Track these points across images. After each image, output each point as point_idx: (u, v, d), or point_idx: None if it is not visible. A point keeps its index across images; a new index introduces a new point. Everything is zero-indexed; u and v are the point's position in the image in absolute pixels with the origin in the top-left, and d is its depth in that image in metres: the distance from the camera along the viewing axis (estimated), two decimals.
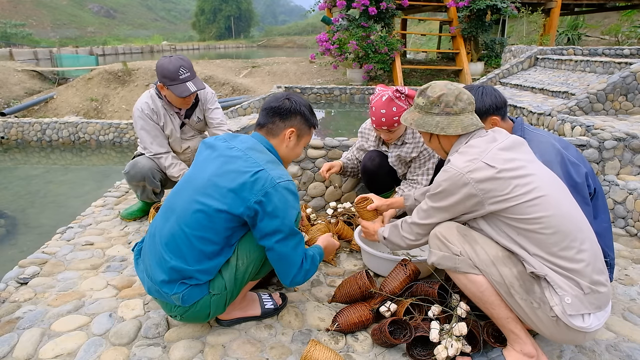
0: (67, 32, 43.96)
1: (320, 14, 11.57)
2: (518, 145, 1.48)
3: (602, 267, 1.37)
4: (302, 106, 1.70)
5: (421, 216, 1.57)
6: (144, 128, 2.61)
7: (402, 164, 2.50)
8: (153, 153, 2.65)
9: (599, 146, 2.95)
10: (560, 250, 1.33)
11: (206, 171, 1.54)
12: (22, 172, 5.55)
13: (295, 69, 11.15)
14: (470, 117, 1.53)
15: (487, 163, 1.38)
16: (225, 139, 1.62)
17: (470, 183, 1.38)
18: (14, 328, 1.71)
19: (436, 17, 13.73)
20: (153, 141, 2.63)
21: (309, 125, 1.74)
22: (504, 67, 6.76)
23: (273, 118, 1.66)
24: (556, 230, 1.33)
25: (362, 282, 1.81)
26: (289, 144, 1.70)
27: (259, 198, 1.44)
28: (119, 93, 9.64)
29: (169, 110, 2.66)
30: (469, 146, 1.47)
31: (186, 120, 2.75)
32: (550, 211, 1.33)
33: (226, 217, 1.47)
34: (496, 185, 1.36)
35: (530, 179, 1.37)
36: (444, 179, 1.44)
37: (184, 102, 2.59)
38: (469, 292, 1.46)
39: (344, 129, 5.41)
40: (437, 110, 1.53)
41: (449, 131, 1.51)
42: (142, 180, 2.64)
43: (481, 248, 1.42)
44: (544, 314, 1.34)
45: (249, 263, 1.55)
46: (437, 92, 1.54)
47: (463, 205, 1.43)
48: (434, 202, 1.51)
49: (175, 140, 2.74)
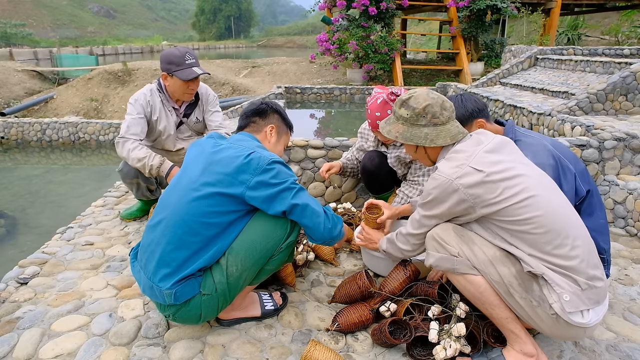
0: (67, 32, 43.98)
1: (320, 14, 11.57)
2: (504, 146, 1.48)
3: (597, 261, 1.38)
4: (278, 107, 1.88)
5: (415, 226, 1.57)
6: (130, 114, 2.51)
7: (401, 164, 2.50)
8: (121, 135, 2.47)
9: (599, 146, 2.95)
10: (553, 248, 1.33)
11: (198, 166, 1.57)
12: (22, 172, 5.55)
13: (295, 69, 11.16)
14: (455, 125, 1.54)
15: (475, 167, 1.38)
16: (212, 137, 1.69)
17: (459, 189, 1.38)
18: (14, 328, 1.71)
19: (436, 17, 13.74)
20: (130, 127, 2.48)
21: (287, 125, 1.90)
22: (504, 67, 6.76)
23: (253, 117, 1.82)
24: (548, 229, 1.33)
25: (362, 282, 1.81)
26: (271, 140, 1.82)
27: (257, 177, 1.49)
28: (119, 93, 9.64)
29: (167, 105, 2.61)
30: (455, 151, 1.47)
31: (184, 119, 2.72)
32: (540, 210, 1.33)
33: (224, 200, 1.49)
34: (485, 189, 1.36)
35: (519, 180, 1.37)
36: (433, 187, 1.44)
37: (188, 90, 2.53)
38: (467, 293, 1.46)
39: (344, 129, 5.41)
40: (424, 121, 1.52)
41: (439, 142, 1.51)
42: (135, 177, 2.62)
43: (479, 248, 1.42)
44: (543, 312, 1.34)
45: (243, 270, 1.54)
46: (421, 103, 1.51)
47: (454, 210, 1.43)
48: (426, 211, 1.51)
49: (169, 138, 2.68)
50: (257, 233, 1.54)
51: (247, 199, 1.51)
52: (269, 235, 1.55)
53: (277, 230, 1.56)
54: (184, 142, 2.78)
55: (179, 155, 2.78)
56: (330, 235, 1.64)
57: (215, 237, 1.51)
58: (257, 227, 1.55)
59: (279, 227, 1.57)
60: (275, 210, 1.53)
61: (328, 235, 1.63)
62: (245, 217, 1.56)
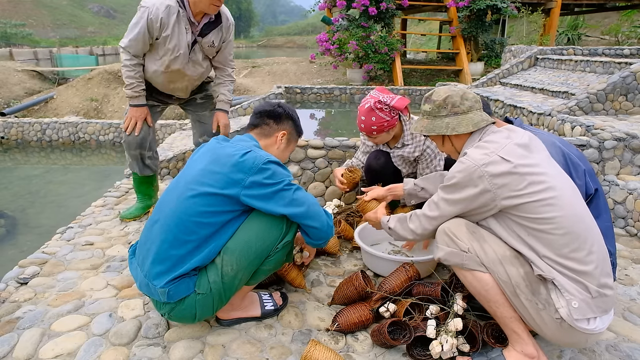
0: (67, 32, 43.93)
1: (320, 14, 11.57)
2: (534, 143, 1.47)
3: (609, 270, 1.37)
4: (294, 113, 1.83)
5: (431, 208, 1.56)
6: (137, 23, 2.36)
7: (406, 164, 2.51)
8: (123, 43, 2.40)
9: (599, 146, 2.95)
10: (570, 251, 1.32)
11: (198, 165, 1.59)
12: (22, 172, 5.56)
13: (295, 69, 11.16)
14: (479, 114, 1.53)
15: (503, 157, 1.37)
16: (218, 139, 1.71)
17: (484, 176, 1.37)
18: (14, 328, 1.71)
19: (436, 17, 13.73)
20: (131, 42, 2.38)
21: (298, 132, 1.87)
22: (504, 67, 6.75)
23: (267, 120, 1.76)
24: (567, 231, 1.32)
25: (358, 282, 1.80)
26: (280, 146, 1.79)
27: (252, 176, 1.49)
28: (119, 93, 9.63)
29: (184, 21, 2.40)
30: (486, 141, 1.46)
31: (199, 38, 2.48)
32: (562, 212, 1.32)
33: (220, 200, 1.49)
34: (511, 180, 1.35)
35: (544, 178, 1.36)
36: (459, 170, 1.43)
37: (215, 1, 2.33)
38: (473, 289, 1.46)
39: (344, 129, 5.41)
40: (445, 112, 1.54)
41: (460, 130, 1.51)
42: (138, 147, 2.59)
43: (489, 246, 1.42)
44: (548, 316, 1.34)
45: (238, 269, 1.53)
46: (442, 95, 1.55)
47: (475, 201, 1.42)
48: (446, 194, 1.49)
49: (177, 58, 2.47)
50: (252, 233, 1.54)
51: (243, 199, 1.50)
52: (264, 235, 1.55)
53: (272, 230, 1.56)
54: (194, 67, 2.58)
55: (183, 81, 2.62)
56: (330, 235, 1.66)
57: (210, 237, 1.51)
58: (252, 227, 1.55)
59: (274, 227, 1.57)
60: (273, 211, 1.53)
61: (326, 235, 1.64)
62: (241, 217, 1.56)
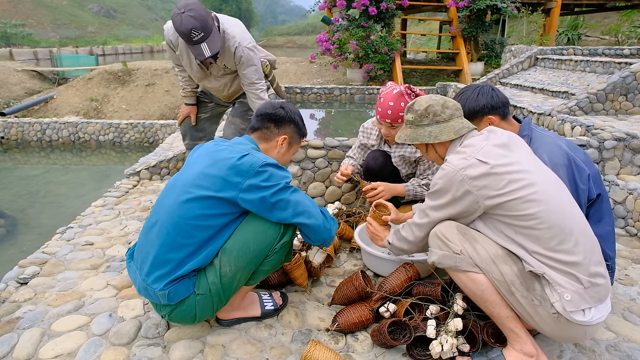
0: (67, 32, 43.90)
1: (320, 14, 11.57)
2: (512, 142, 1.50)
3: (599, 259, 1.39)
4: (296, 115, 1.79)
5: (420, 215, 1.59)
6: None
7: (406, 164, 2.50)
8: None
9: (599, 146, 2.95)
10: (557, 244, 1.34)
11: (196, 168, 1.57)
12: (22, 172, 5.56)
13: (295, 69, 11.15)
14: (460, 121, 1.58)
15: (480, 159, 1.41)
16: (216, 142, 1.68)
17: (464, 180, 1.40)
18: (14, 328, 1.71)
19: (436, 17, 13.73)
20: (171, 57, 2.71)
21: (300, 135, 1.83)
22: (504, 67, 6.75)
23: (268, 123, 1.73)
24: (551, 225, 1.34)
25: (358, 282, 1.81)
26: (281, 150, 1.77)
27: (250, 179, 1.48)
28: (119, 93, 9.64)
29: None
30: (464, 146, 1.51)
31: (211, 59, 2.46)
32: (544, 206, 1.35)
33: (217, 203, 1.49)
34: (490, 180, 1.38)
35: (524, 175, 1.39)
36: (440, 177, 1.48)
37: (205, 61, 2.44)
38: (469, 291, 1.47)
39: (344, 129, 5.41)
40: (427, 121, 1.59)
41: (442, 137, 1.56)
42: (183, 137, 2.97)
43: (481, 246, 1.43)
44: (544, 311, 1.35)
45: (236, 270, 1.53)
46: (423, 105, 1.60)
47: (459, 204, 1.45)
48: (432, 201, 1.53)
49: (195, 74, 2.64)
50: (249, 233, 1.54)
51: (240, 203, 1.50)
52: (261, 235, 1.55)
53: (270, 231, 1.56)
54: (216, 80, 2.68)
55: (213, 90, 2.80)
56: (330, 236, 1.65)
57: (209, 239, 1.51)
58: (250, 228, 1.55)
59: (272, 227, 1.56)
60: (275, 213, 1.53)
61: (327, 235, 1.63)
62: (239, 219, 1.56)
